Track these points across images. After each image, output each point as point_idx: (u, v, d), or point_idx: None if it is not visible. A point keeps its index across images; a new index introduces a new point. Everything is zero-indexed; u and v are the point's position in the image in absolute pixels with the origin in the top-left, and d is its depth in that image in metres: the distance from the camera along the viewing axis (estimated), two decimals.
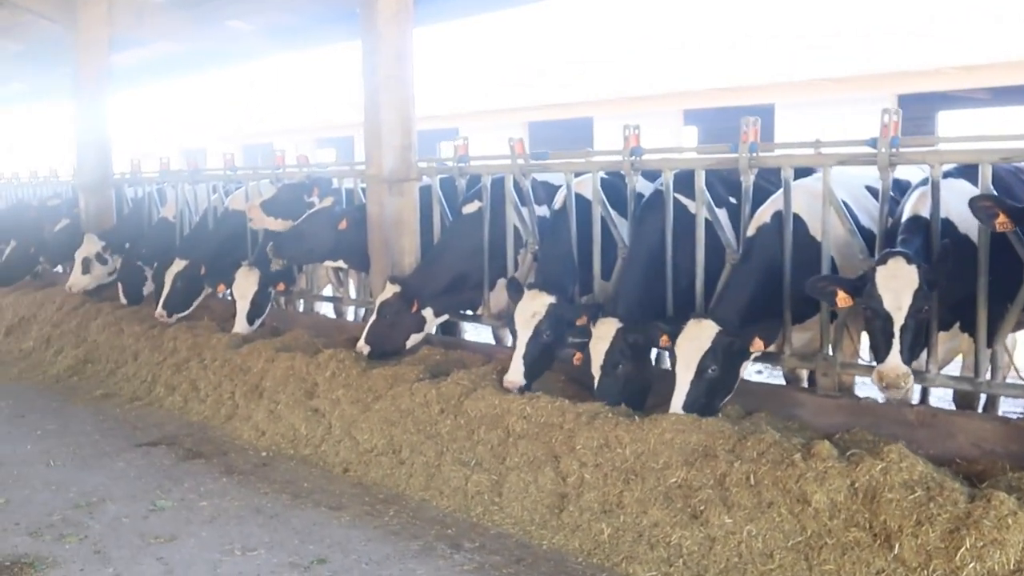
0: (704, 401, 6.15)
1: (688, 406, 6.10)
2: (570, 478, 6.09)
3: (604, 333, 6.60)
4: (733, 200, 7.18)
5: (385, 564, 5.58)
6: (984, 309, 5.81)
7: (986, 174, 5.76)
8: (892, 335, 5.44)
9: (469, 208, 8.55)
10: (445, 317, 8.61)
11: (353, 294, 10.40)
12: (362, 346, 8.18)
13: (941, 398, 7.66)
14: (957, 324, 6.11)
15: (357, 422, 7.51)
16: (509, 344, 8.90)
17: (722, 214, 7.04)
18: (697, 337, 6.19)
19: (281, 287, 10.04)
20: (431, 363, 8.07)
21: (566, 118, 26.00)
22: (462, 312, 8.87)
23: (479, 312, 8.73)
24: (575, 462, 6.12)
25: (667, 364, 6.80)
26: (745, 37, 22.24)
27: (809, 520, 5.09)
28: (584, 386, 7.44)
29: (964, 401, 6.43)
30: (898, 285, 5.45)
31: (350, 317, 11.07)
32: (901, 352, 5.41)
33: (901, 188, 7.20)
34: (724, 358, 6.14)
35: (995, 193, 5.79)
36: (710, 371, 6.12)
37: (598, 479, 5.95)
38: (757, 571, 5.10)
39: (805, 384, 7.42)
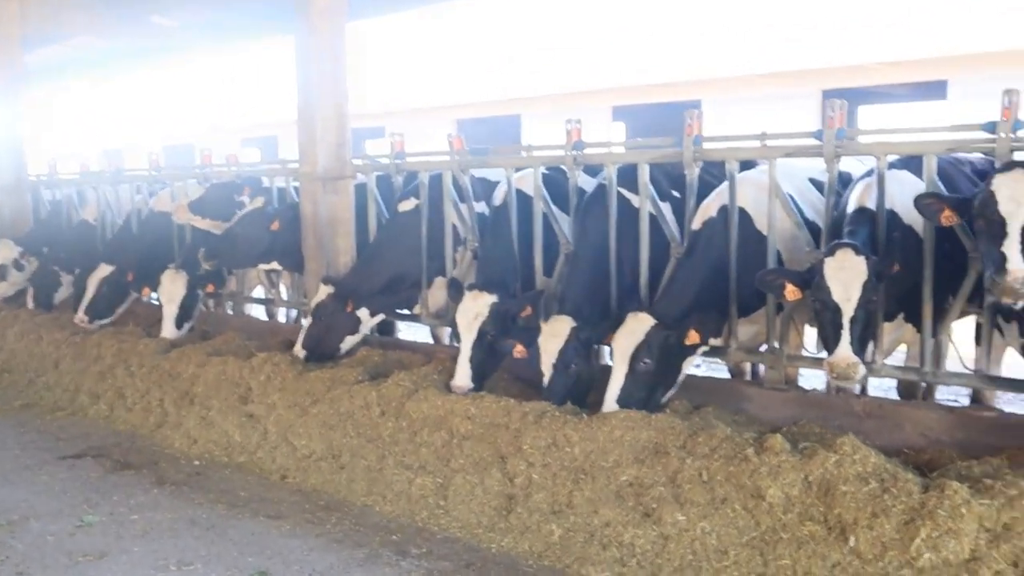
0: (640, 395, 6.08)
1: (622, 400, 6.03)
2: (518, 479, 5.95)
3: (557, 331, 6.47)
4: (677, 194, 7.10)
5: (329, 574, 5.37)
6: (929, 300, 5.82)
7: (931, 165, 5.76)
8: (841, 326, 5.41)
9: (405, 206, 8.36)
10: (381, 317, 8.40)
11: (286, 296, 10.12)
12: (298, 350, 7.95)
13: (878, 387, 7.70)
14: (902, 315, 6.10)
15: (294, 427, 7.27)
16: (447, 343, 8.80)
17: (666, 208, 6.96)
18: (633, 331, 6.12)
19: (210, 289, 9.74)
20: (370, 364, 7.86)
21: (494, 115, 25.88)
22: (399, 312, 8.66)
23: (416, 311, 8.53)
24: (522, 462, 5.98)
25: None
26: (673, 33, 22.32)
27: (763, 515, 5.02)
28: (529, 384, 7.32)
29: (907, 391, 6.44)
30: (847, 276, 5.42)
31: (282, 319, 10.79)
32: (851, 343, 5.39)
33: (843, 181, 7.22)
34: (660, 352, 6.07)
35: (940, 184, 5.80)
36: (643, 364, 6.05)
37: (547, 479, 5.82)
38: (712, 569, 5.01)
39: (749, 378, 7.40)
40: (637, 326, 6.13)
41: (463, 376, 6.89)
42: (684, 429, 5.69)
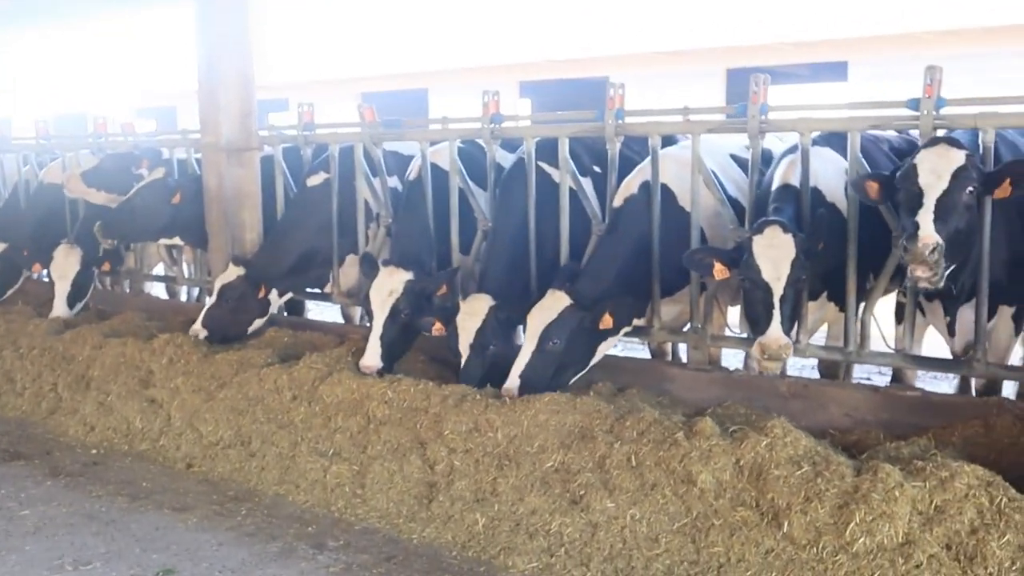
0: (546, 374, 5.93)
1: (526, 377, 5.88)
2: (438, 466, 5.73)
3: (476, 309, 6.27)
4: (599, 169, 6.93)
5: (241, 570, 5.07)
6: (854, 278, 5.78)
7: (855, 142, 5.69)
8: (772, 306, 5.32)
9: (315, 180, 8.01)
10: (289, 296, 8.05)
11: (188, 273, 9.64)
12: (197, 329, 7.55)
13: (799, 367, 7.69)
14: (825, 293, 6.05)
15: (200, 412, 6.90)
16: (359, 323, 8.51)
17: (587, 183, 6.78)
18: (546, 308, 5.96)
19: (107, 267, 9.22)
20: (279, 346, 7.54)
21: (400, 89, 25.42)
22: (309, 291, 8.33)
23: (327, 290, 8.21)
24: (443, 448, 5.76)
25: None
26: (581, 9, 22.20)
27: (695, 501, 4.90)
28: (447, 365, 7.10)
29: (829, 371, 6.41)
30: (776, 255, 5.33)
31: (184, 297, 10.32)
32: (781, 323, 5.29)
33: (764, 158, 7.15)
34: (572, 333, 5.91)
35: (863, 161, 5.75)
36: (551, 343, 5.90)
37: (469, 466, 5.61)
38: (643, 556, 4.86)
39: (670, 358, 7.30)
40: (551, 304, 5.97)
41: (373, 355, 6.63)
42: (611, 413, 5.54)
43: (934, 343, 6.30)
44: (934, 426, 5.44)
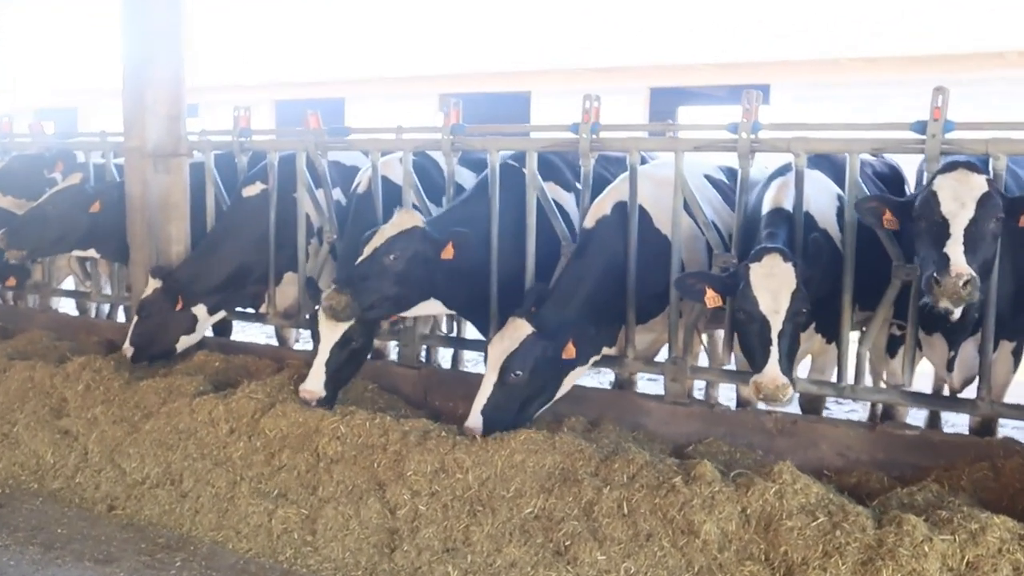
0: (510, 408, 5.44)
1: (488, 412, 5.38)
2: (401, 510, 5.16)
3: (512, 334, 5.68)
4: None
5: None
6: (849, 309, 5.43)
7: (855, 165, 5.36)
8: (769, 341, 4.88)
9: (251, 190, 7.36)
10: (222, 315, 7.38)
11: (106, 289, 8.81)
12: (126, 348, 6.85)
13: None
14: (813, 325, 5.68)
15: (122, 447, 6.18)
16: (294, 346, 7.89)
17: (570, 200, 6.32)
18: (507, 338, 5.46)
19: (12, 282, 8.38)
20: (210, 372, 6.88)
21: (316, 98, 24.61)
22: (241, 311, 7.65)
23: (263, 310, 7.55)
24: (406, 491, 5.20)
25: None
26: (503, 22, 21.84)
27: (696, 553, 4.45)
28: (397, 394, 6.56)
29: (811, 406, 6.04)
30: (775, 285, 4.92)
31: (94, 314, 9.48)
32: (779, 360, 4.87)
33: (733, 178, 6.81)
34: (535, 363, 5.42)
35: (863, 186, 5.43)
36: (514, 375, 5.40)
37: (436, 511, 5.06)
38: None
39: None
40: (512, 333, 5.47)
41: (315, 381, 6.02)
42: (595, 453, 5.06)
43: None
44: (933, 467, 5.12)
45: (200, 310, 7.11)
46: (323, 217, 7.11)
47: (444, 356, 8.30)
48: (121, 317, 9.41)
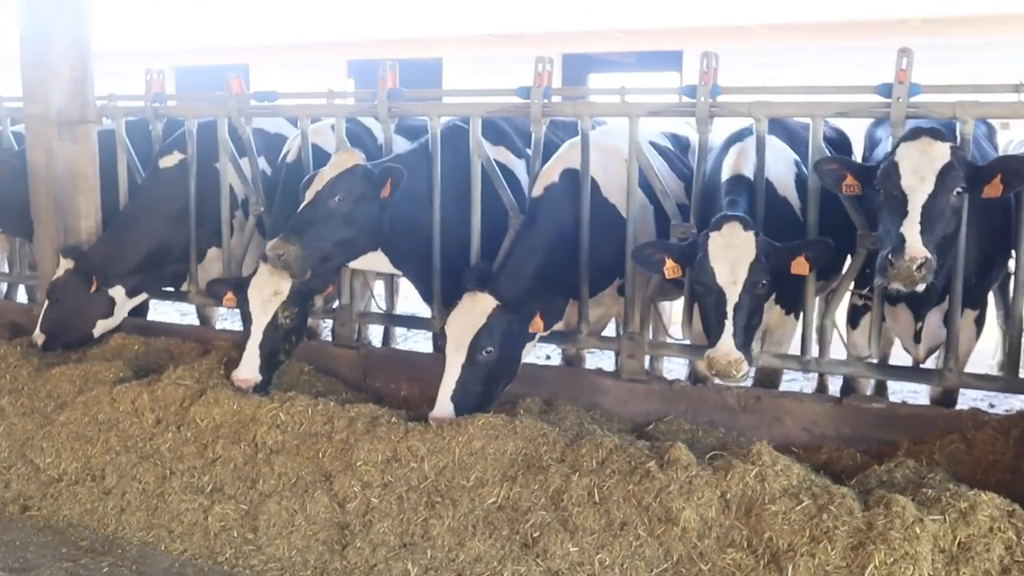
0: (479, 390, 5.14)
1: (458, 397, 5.07)
2: (351, 503, 4.80)
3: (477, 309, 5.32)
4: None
5: None
6: (813, 279, 5.23)
7: (818, 130, 5.15)
8: (724, 315, 4.68)
9: (169, 160, 6.83)
10: (143, 297, 6.86)
11: (3, 267, 8.17)
12: (37, 335, 6.30)
13: None
14: (773, 296, 5.48)
15: (34, 440, 5.68)
16: (219, 326, 7.42)
17: (520, 166, 5.99)
18: (471, 312, 5.14)
19: None
20: (129, 356, 6.40)
21: (218, 64, 23.67)
22: (163, 290, 7.13)
23: (185, 289, 7.04)
24: (355, 483, 4.84)
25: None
26: None
27: (675, 542, 4.20)
28: (339, 377, 6.18)
29: (767, 379, 5.86)
30: (734, 256, 4.71)
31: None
32: (734, 334, 4.65)
33: (681, 144, 6.59)
34: (503, 339, 5.14)
35: (828, 152, 5.23)
36: (484, 353, 5.09)
37: (390, 504, 4.72)
38: None
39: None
40: (477, 308, 5.14)
41: (250, 366, 5.65)
42: (559, 437, 4.77)
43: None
44: (902, 441, 4.99)
45: (118, 292, 6.59)
46: (249, 188, 6.64)
47: (374, 334, 7.94)
48: (22, 297, 8.77)
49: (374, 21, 21.45)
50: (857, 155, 6.35)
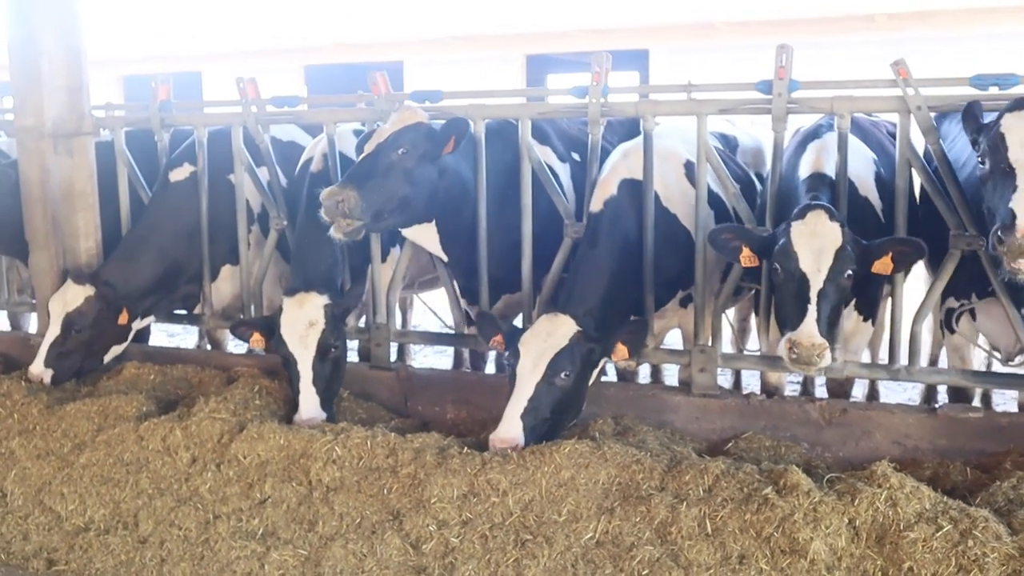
0: (548, 416, 4.75)
1: (528, 417, 4.66)
2: (426, 544, 4.37)
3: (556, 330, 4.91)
4: (577, 157, 5.78)
5: None
6: (902, 284, 4.93)
7: (904, 125, 4.85)
8: (808, 300, 4.39)
9: (179, 174, 6.32)
10: (151, 319, 6.34)
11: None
12: (41, 371, 5.76)
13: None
14: (852, 303, 5.17)
15: (52, 485, 5.14)
16: (231, 350, 6.93)
17: (565, 171, 5.61)
18: (551, 334, 4.76)
19: None
20: (146, 387, 5.90)
21: (171, 71, 22.92)
22: (176, 313, 6.61)
23: (198, 311, 6.54)
24: (430, 521, 4.41)
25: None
26: None
27: (801, 575, 3.85)
28: (377, 401, 5.76)
29: (840, 390, 5.52)
30: (819, 244, 4.44)
31: None
32: (818, 320, 4.36)
33: (730, 145, 6.28)
34: (581, 364, 4.79)
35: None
36: (563, 376, 4.72)
37: (473, 544, 4.29)
38: None
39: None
40: (559, 329, 4.77)
41: (311, 406, 5.26)
42: (655, 463, 4.39)
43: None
44: (1004, 453, 4.71)
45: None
46: (269, 201, 6.16)
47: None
48: (2, 325, 8.16)
49: (332, 25, 20.95)
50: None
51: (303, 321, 5.29)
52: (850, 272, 4.46)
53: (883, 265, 4.56)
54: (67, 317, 5.79)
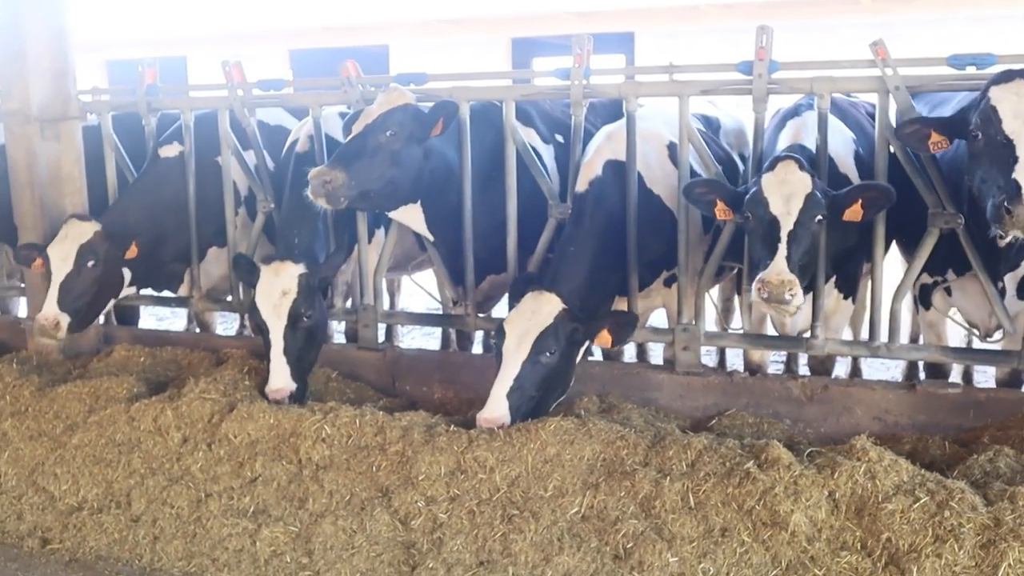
0: (534, 394, 4.80)
1: (514, 395, 4.71)
2: (415, 520, 4.44)
3: (540, 308, 4.96)
4: (561, 139, 5.83)
5: None
6: (882, 258, 5.02)
7: (884, 105, 4.92)
8: (778, 240, 4.44)
9: (169, 151, 6.36)
10: (132, 290, 6.32)
11: None
12: (56, 314, 5.68)
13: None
14: (833, 279, 5.25)
15: (45, 466, 5.20)
16: (219, 332, 6.97)
17: (548, 153, 5.67)
18: (536, 311, 4.81)
19: None
20: (135, 368, 5.94)
21: (156, 56, 22.81)
22: (160, 296, 6.65)
23: (184, 293, 6.58)
24: (418, 498, 4.49)
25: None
26: None
27: (783, 547, 3.94)
28: (365, 381, 5.82)
29: (821, 367, 5.61)
30: (788, 190, 4.52)
31: None
32: (787, 258, 4.40)
33: (712, 126, 6.34)
34: (567, 343, 4.83)
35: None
36: (548, 354, 4.77)
37: (461, 519, 4.37)
38: None
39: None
40: (543, 307, 4.82)
41: (281, 376, 5.27)
42: (639, 439, 4.47)
43: None
44: (983, 428, 4.81)
45: (126, 272, 6.07)
46: (256, 184, 6.20)
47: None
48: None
49: (316, 8, 20.87)
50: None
51: (277, 290, 5.31)
52: (820, 217, 4.52)
53: (853, 212, 4.62)
54: (81, 248, 5.74)
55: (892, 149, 4.96)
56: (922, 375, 5.80)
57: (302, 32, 21.63)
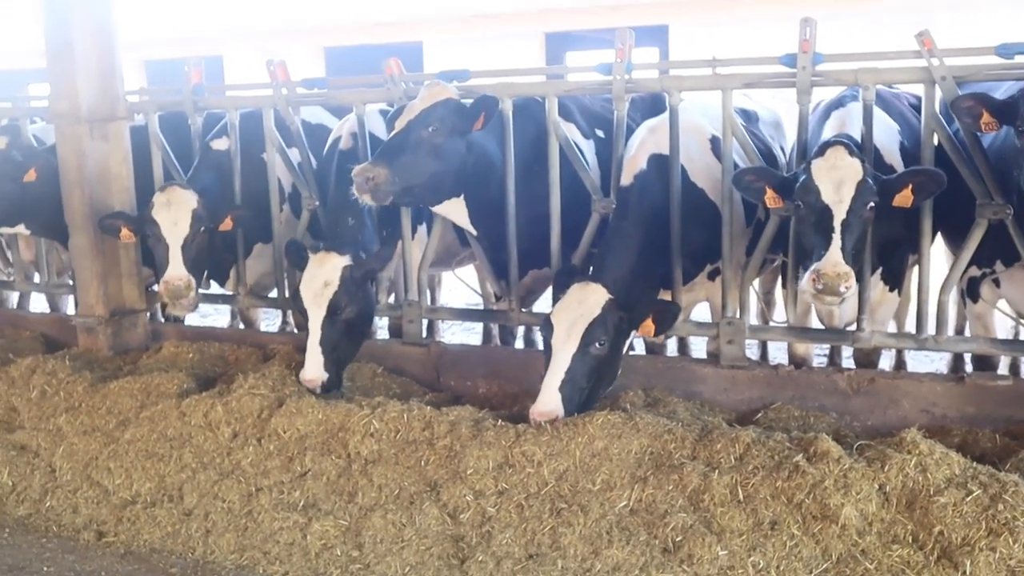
0: (585, 385, 4.80)
1: (567, 388, 4.70)
2: (464, 514, 4.49)
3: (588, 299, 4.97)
4: (602, 134, 5.84)
5: None
6: (928, 251, 4.99)
7: (930, 95, 4.90)
8: (832, 230, 4.43)
9: (220, 144, 6.45)
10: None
11: (36, 275, 7.62)
12: (187, 274, 5.82)
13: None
14: (879, 271, 5.23)
15: (99, 460, 5.30)
16: (263, 328, 7.06)
17: (589, 148, 5.69)
18: (583, 302, 4.82)
19: None
20: (185, 365, 6.04)
21: (190, 55, 23.01)
22: (206, 292, 6.72)
23: (230, 290, 6.67)
24: (467, 492, 4.53)
25: None
26: None
27: (833, 540, 3.94)
28: (409, 376, 5.86)
29: (867, 360, 5.58)
30: (838, 176, 4.50)
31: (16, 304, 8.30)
32: (842, 249, 4.39)
33: (750, 119, 6.32)
34: (615, 333, 4.83)
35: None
36: (597, 345, 4.77)
37: (510, 513, 4.41)
38: None
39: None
40: (590, 298, 4.82)
41: (314, 366, 5.32)
42: (686, 433, 4.49)
43: None
44: None
45: None
46: (300, 181, 6.26)
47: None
48: (37, 307, 8.32)
49: (351, 5, 20.96)
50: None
51: (320, 280, 5.35)
52: (872, 204, 4.51)
53: (903, 198, 4.59)
54: (194, 213, 5.84)
55: (938, 140, 4.93)
56: (968, 367, 5.78)
57: (336, 29, 21.73)
